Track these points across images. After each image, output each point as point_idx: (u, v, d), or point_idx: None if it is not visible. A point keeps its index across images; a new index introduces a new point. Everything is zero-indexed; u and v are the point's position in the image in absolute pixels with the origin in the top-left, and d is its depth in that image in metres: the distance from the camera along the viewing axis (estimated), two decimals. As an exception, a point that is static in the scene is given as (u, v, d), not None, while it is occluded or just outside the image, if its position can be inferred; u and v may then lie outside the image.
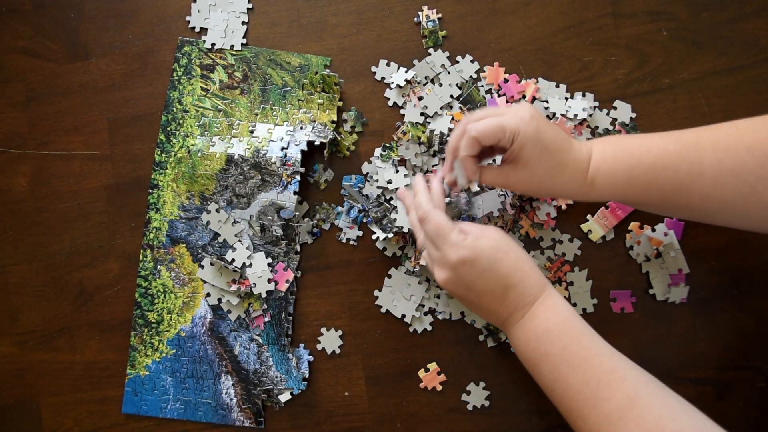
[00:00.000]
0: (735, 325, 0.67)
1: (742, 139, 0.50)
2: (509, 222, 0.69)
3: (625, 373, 0.49)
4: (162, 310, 0.70)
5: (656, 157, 0.53)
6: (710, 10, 0.70)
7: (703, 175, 0.51)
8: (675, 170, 0.52)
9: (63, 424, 0.71)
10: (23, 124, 0.74)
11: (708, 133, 0.53)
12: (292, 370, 0.68)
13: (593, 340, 0.51)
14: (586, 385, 0.48)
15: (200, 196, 0.70)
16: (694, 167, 0.52)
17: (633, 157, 0.54)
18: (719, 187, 0.51)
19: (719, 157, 0.50)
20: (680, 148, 0.53)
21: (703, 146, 0.52)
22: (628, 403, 0.46)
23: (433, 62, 0.71)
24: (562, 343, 0.51)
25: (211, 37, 0.73)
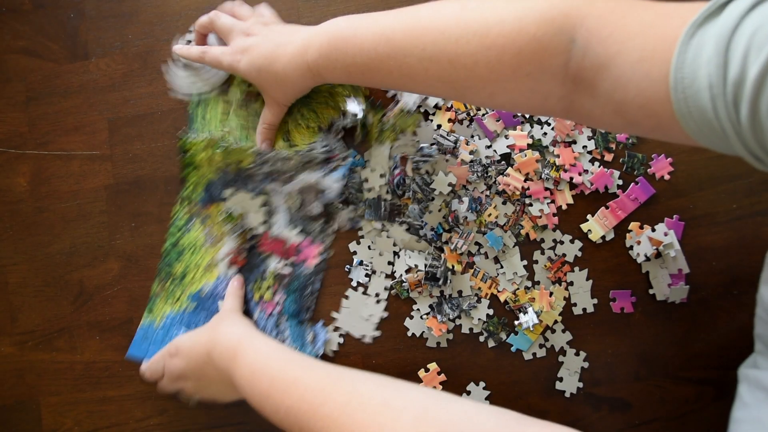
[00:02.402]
0: (735, 325, 0.67)
1: (445, 50, 0.49)
2: (511, 221, 0.69)
3: (338, 376, 0.49)
4: (189, 264, 0.70)
5: (369, 60, 0.54)
6: None
7: (414, 78, 0.53)
8: (387, 72, 0.54)
9: (63, 424, 0.71)
10: (23, 124, 0.74)
11: (416, 35, 0.51)
12: (307, 345, 0.68)
13: (298, 363, 0.53)
14: (303, 401, 0.49)
15: (236, 166, 0.69)
16: (403, 71, 0.53)
17: (348, 56, 0.56)
18: (432, 89, 0.54)
19: (425, 66, 0.51)
20: (389, 52, 0.52)
21: (410, 53, 0.51)
22: (347, 398, 0.46)
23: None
24: (269, 376, 0.53)
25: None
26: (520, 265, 0.68)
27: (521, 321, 0.67)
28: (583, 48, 0.43)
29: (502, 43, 0.45)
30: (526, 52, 0.45)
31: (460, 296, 0.68)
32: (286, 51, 0.60)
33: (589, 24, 0.43)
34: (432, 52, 0.50)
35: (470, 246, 0.68)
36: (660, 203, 0.69)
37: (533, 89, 0.47)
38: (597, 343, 0.68)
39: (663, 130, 0.42)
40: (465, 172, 0.69)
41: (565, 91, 0.46)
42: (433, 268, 0.68)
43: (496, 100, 0.50)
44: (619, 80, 0.41)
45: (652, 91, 0.39)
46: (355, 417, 0.44)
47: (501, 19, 0.46)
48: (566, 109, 0.48)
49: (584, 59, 0.43)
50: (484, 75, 0.48)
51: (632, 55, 0.40)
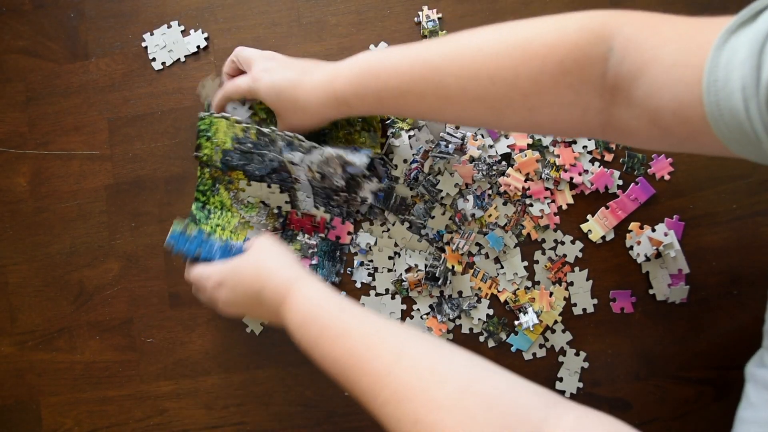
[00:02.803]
0: (735, 325, 0.67)
1: (485, 66, 0.49)
2: (512, 222, 0.69)
3: (387, 333, 0.48)
4: (216, 226, 0.69)
5: (403, 82, 0.53)
6: (710, 10, 0.70)
7: (450, 99, 0.52)
8: (421, 95, 0.53)
9: (63, 424, 0.71)
10: (23, 124, 0.74)
11: (453, 56, 0.51)
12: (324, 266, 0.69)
13: (350, 313, 0.52)
14: (351, 354, 0.48)
15: (256, 130, 0.65)
16: (440, 92, 0.52)
17: (380, 80, 0.55)
18: (468, 110, 0.52)
19: (462, 85, 0.50)
20: (425, 72, 0.52)
21: (448, 72, 0.51)
22: (395, 357, 0.46)
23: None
24: (319, 324, 0.52)
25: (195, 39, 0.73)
26: (521, 266, 0.68)
27: (522, 321, 0.67)
28: (620, 55, 0.43)
29: (544, 53, 0.46)
30: (567, 61, 0.45)
31: (460, 296, 0.68)
32: (312, 78, 0.59)
33: (626, 32, 0.44)
34: (471, 70, 0.49)
35: (471, 247, 0.68)
36: (660, 203, 0.69)
37: (573, 102, 0.47)
38: (597, 343, 0.68)
39: (696, 139, 0.42)
40: (470, 171, 0.69)
41: (604, 103, 0.46)
42: (434, 267, 0.68)
43: (535, 116, 0.49)
44: (653, 86, 0.42)
45: (685, 95, 0.40)
46: (401, 378, 0.44)
47: (541, 31, 0.47)
48: (604, 124, 0.47)
49: (621, 66, 0.44)
50: (525, 88, 0.47)
51: (667, 60, 0.41)
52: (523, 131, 0.60)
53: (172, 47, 0.74)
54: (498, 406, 0.40)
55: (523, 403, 0.40)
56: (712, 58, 0.38)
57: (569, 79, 0.46)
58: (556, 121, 0.49)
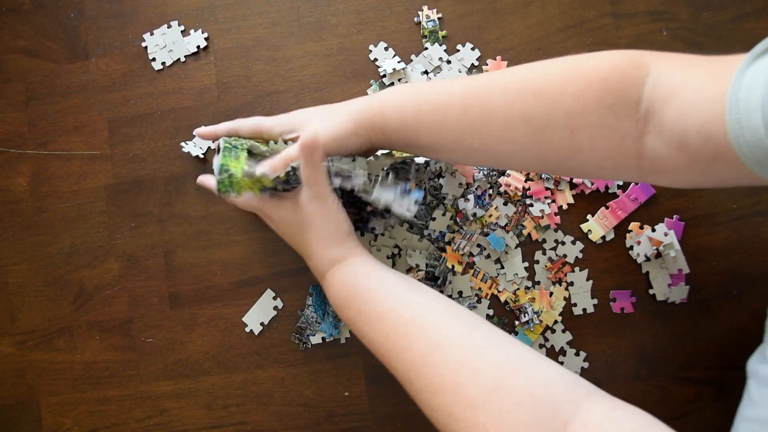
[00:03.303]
0: (735, 325, 0.67)
1: (531, 83, 0.50)
2: (513, 222, 0.68)
3: (424, 321, 0.49)
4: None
5: (445, 97, 0.53)
6: (710, 10, 0.70)
7: (494, 117, 0.51)
8: (464, 110, 0.52)
9: (63, 424, 0.71)
10: (23, 124, 0.74)
11: (499, 76, 0.52)
12: (329, 314, 0.69)
13: (388, 295, 0.52)
14: (386, 339, 0.49)
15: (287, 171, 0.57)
16: (484, 108, 0.51)
17: (421, 94, 0.54)
18: (511, 130, 0.51)
19: (509, 101, 0.50)
20: (469, 90, 0.52)
21: (493, 88, 0.51)
22: (429, 347, 0.46)
23: (430, 56, 0.71)
24: (357, 306, 0.53)
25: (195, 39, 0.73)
26: (521, 266, 0.68)
27: (527, 319, 0.67)
28: (654, 81, 0.46)
29: (590, 73, 0.48)
30: (611, 80, 0.47)
31: (461, 296, 0.68)
32: (350, 105, 0.58)
33: (661, 62, 0.47)
34: (517, 86, 0.51)
35: (472, 248, 0.68)
36: (660, 203, 0.69)
37: (612, 126, 0.48)
38: (597, 343, 0.68)
39: (720, 160, 0.43)
40: (470, 170, 0.69)
41: (638, 131, 0.47)
42: (433, 267, 0.68)
43: (576, 138, 0.49)
44: (682, 108, 0.44)
45: (709, 113, 0.41)
46: (435, 371, 0.45)
47: (587, 56, 0.50)
48: (638, 155, 0.48)
49: (654, 92, 0.46)
50: (569, 106, 0.48)
51: (694, 83, 0.44)
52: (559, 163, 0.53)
53: (172, 47, 0.74)
54: (529, 401, 0.41)
55: (555, 397, 0.41)
56: (736, 79, 0.40)
57: (610, 100, 0.47)
58: (594, 147, 0.49)
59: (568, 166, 0.53)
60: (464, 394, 0.42)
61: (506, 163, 0.61)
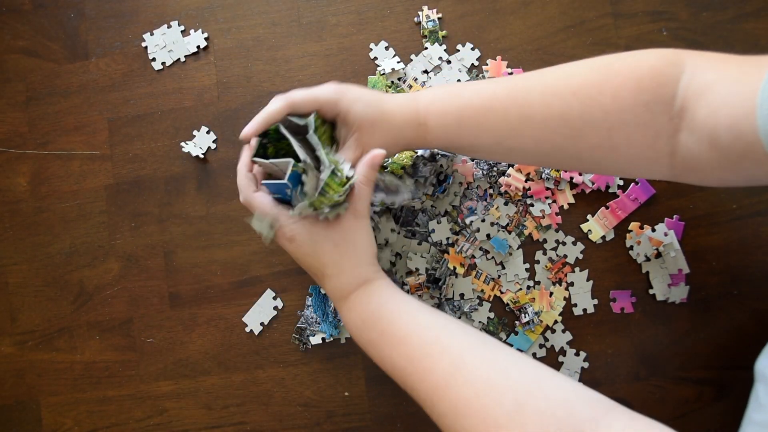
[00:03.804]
0: (735, 325, 0.67)
1: (569, 83, 0.51)
2: (514, 222, 0.68)
3: (448, 342, 0.49)
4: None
5: (485, 99, 0.53)
6: (710, 10, 0.70)
7: (533, 118, 0.52)
8: (505, 113, 0.53)
9: (63, 424, 0.71)
10: (23, 124, 0.74)
11: (537, 77, 0.53)
12: (329, 314, 0.69)
13: (413, 318, 0.51)
14: (409, 361, 0.49)
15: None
16: (523, 110, 0.52)
17: (463, 98, 0.55)
18: (549, 131, 0.52)
19: (547, 101, 0.51)
20: (509, 92, 0.53)
21: (532, 90, 0.52)
22: (453, 369, 0.46)
23: (430, 56, 0.71)
24: (380, 328, 0.52)
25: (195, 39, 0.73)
26: (522, 267, 0.68)
27: (527, 319, 0.67)
28: (689, 78, 0.47)
29: (626, 72, 0.49)
30: (646, 79, 0.48)
31: (462, 299, 0.68)
32: (397, 97, 0.56)
33: (696, 59, 0.48)
34: (555, 87, 0.52)
35: (475, 251, 0.68)
36: (660, 203, 0.69)
37: (648, 123, 0.49)
38: (597, 343, 0.68)
39: (750, 157, 0.43)
40: (471, 169, 0.69)
41: (672, 128, 0.48)
42: (434, 270, 0.68)
43: (613, 136, 0.50)
44: (714, 104, 0.45)
45: (740, 110, 0.42)
46: (459, 393, 0.45)
47: (623, 56, 0.51)
48: (672, 153, 0.49)
49: (688, 89, 0.47)
50: (606, 104, 0.49)
51: (728, 80, 0.45)
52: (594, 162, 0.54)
53: (172, 47, 0.74)
54: (552, 421, 0.41)
55: (576, 415, 0.41)
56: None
57: (646, 97, 0.48)
58: (630, 145, 0.50)
59: (602, 165, 0.54)
60: (489, 416, 0.43)
61: (542, 162, 0.62)
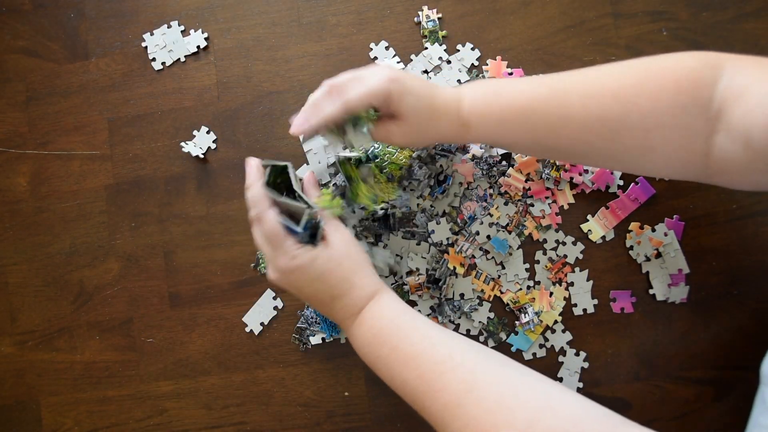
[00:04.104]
0: (735, 325, 0.67)
1: (608, 85, 0.52)
2: (514, 222, 0.68)
3: (460, 360, 0.49)
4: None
5: (527, 100, 0.55)
6: (710, 10, 0.70)
7: (571, 119, 0.53)
8: (545, 113, 0.54)
9: (63, 424, 0.71)
10: (23, 124, 0.74)
11: (577, 78, 0.54)
12: None
13: (424, 334, 0.52)
14: (421, 380, 0.49)
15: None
16: (562, 111, 0.53)
17: (504, 99, 0.56)
18: (586, 131, 0.53)
19: (586, 103, 0.52)
20: (550, 92, 0.54)
21: (571, 92, 0.53)
22: (465, 387, 0.47)
23: (430, 55, 0.71)
24: (391, 344, 0.52)
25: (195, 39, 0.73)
26: (522, 268, 0.68)
27: (527, 319, 0.67)
28: (728, 80, 0.48)
29: (664, 73, 0.50)
30: (684, 81, 0.49)
31: (462, 299, 0.68)
32: (443, 92, 0.57)
33: (735, 62, 0.49)
34: (594, 89, 0.52)
35: (475, 251, 0.68)
36: (660, 203, 0.69)
37: (685, 125, 0.49)
38: (597, 343, 0.68)
39: None
40: (471, 169, 0.69)
41: (708, 130, 0.49)
42: (434, 270, 0.67)
43: (650, 137, 0.51)
44: (749, 105, 0.46)
45: None
46: (471, 412, 0.45)
47: (661, 57, 0.52)
48: (707, 154, 0.50)
49: (726, 91, 0.48)
50: (644, 106, 0.50)
51: (764, 81, 0.46)
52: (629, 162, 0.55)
53: (172, 47, 0.74)
54: None
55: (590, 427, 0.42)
56: None
57: (684, 99, 0.49)
58: (666, 146, 0.51)
59: (637, 165, 0.55)
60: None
61: (577, 160, 0.65)
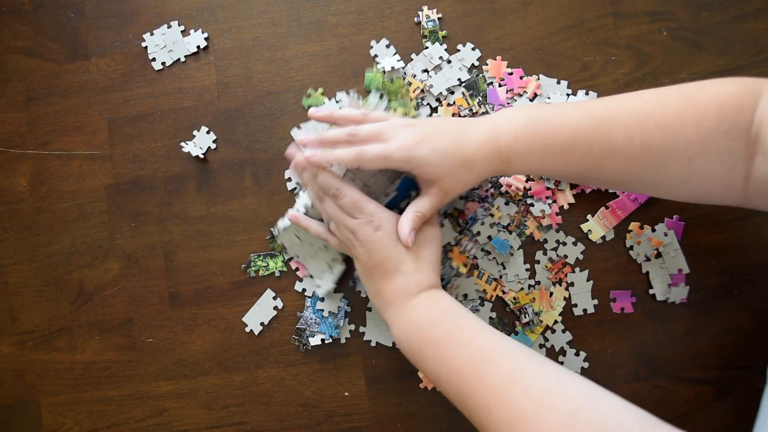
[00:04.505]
0: (735, 325, 0.67)
1: (652, 114, 0.52)
2: (515, 222, 0.68)
3: (506, 349, 0.50)
4: None
5: (570, 135, 0.54)
6: (710, 10, 0.70)
7: (615, 150, 0.53)
8: (588, 147, 0.54)
9: (63, 424, 0.71)
10: (23, 124, 0.74)
11: (620, 107, 0.54)
12: (328, 316, 0.69)
13: (474, 324, 0.53)
14: (470, 363, 0.49)
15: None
16: (606, 143, 0.53)
17: (547, 134, 0.55)
18: (630, 162, 0.53)
19: (630, 134, 0.52)
20: (593, 125, 0.54)
21: (615, 122, 0.53)
22: (512, 375, 0.47)
23: (431, 54, 0.71)
24: (444, 328, 0.52)
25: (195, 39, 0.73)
26: (523, 268, 0.68)
27: (527, 320, 0.67)
28: (764, 103, 0.48)
29: (706, 100, 0.50)
30: (726, 107, 0.49)
31: (465, 299, 0.68)
32: (475, 136, 0.56)
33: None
34: (638, 119, 0.52)
35: (477, 252, 0.68)
36: (660, 203, 0.69)
37: (727, 150, 0.50)
38: (597, 343, 0.68)
39: None
40: None
41: (748, 153, 0.49)
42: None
43: (693, 165, 0.51)
44: None
45: None
46: (517, 400, 0.45)
47: (703, 84, 0.52)
48: (746, 177, 0.50)
49: (764, 113, 0.48)
50: (688, 134, 0.50)
51: None
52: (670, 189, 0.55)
53: (172, 47, 0.74)
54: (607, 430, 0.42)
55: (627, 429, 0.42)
56: None
57: (726, 125, 0.49)
58: (708, 172, 0.51)
59: (678, 192, 0.55)
60: (544, 422, 0.43)
61: (619, 188, 0.66)
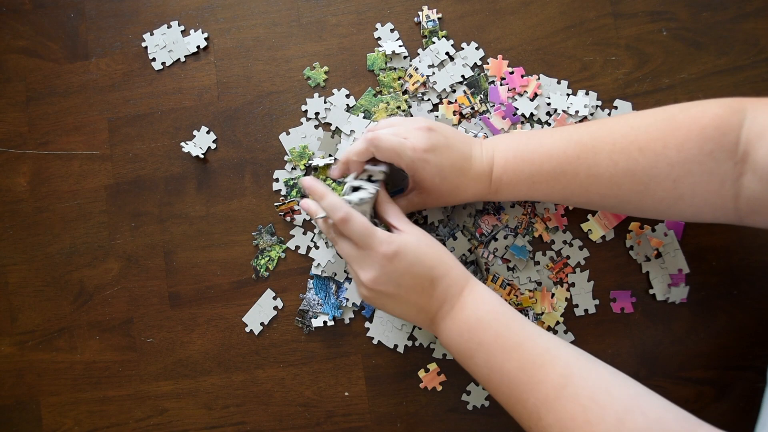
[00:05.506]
0: (735, 325, 0.67)
1: (635, 140, 0.53)
2: (524, 224, 0.68)
3: (557, 353, 0.50)
4: None
5: (557, 163, 0.56)
6: (710, 10, 0.70)
7: (600, 176, 0.54)
8: (574, 174, 0.56)
9: (63, 424, 0.71)
10: (23, 124, 0.74)
11: (605, 133, 0.55)
12: (330, 297, 0.69)
13: (523, 324, 0.53)
14: (522, 370, 0.49)
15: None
16: (591, 170, 0.55)
17: (534, 164, 0.57)
18: (615, 187, 0.54)
19: (614, 159, 0.53)
20: (579, 152, 0.55)
21: (600, 149, 0.54)
22: (562, 381, 0.47)
23: (437, 50, 0.71)
24: (495, 330, 0.52)
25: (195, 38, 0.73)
26: (534, 270, 0.68)
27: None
28: (750, 121, 0.49)
29: (689, 123, 0.51)
30: (709, 129, 0.50)
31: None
32: (473, 165, 0.58)
33: (756, 105, 0.50)
34: (622, 144, 0.53)
35: (495, 262, 0.68)
36: (660, 203, 0.69)
37: (713, 171, 0.50)
38: (597, 343, 0.68)
39: None
40: None
41: (736, 173, 0.50)
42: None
43: (678, 187, 0.51)
44: None
45: None
46: (567, 406, 0.46)
47: (686, 107, 0.53)
48: (736, 196, 0.50)
49: (750, 132, 0.49)
50: (672, 157, 0.51)
51: None
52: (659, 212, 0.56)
53: (172, 47, 0.74)
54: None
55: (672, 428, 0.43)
56: None
57: (710, 146, 0.49)
58: (695, 194, 0.51)
59: (668, 214, 0.56)
60: (592, 430, 0.44)
61: (609, 211, 0.67)
